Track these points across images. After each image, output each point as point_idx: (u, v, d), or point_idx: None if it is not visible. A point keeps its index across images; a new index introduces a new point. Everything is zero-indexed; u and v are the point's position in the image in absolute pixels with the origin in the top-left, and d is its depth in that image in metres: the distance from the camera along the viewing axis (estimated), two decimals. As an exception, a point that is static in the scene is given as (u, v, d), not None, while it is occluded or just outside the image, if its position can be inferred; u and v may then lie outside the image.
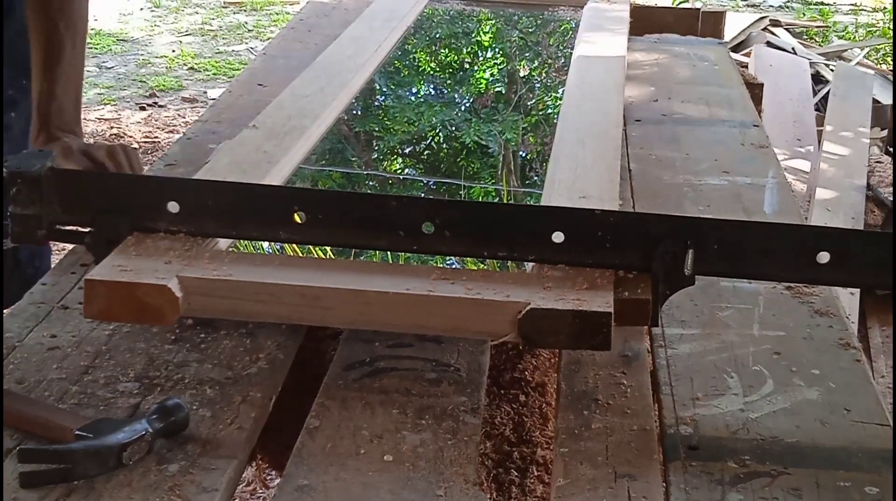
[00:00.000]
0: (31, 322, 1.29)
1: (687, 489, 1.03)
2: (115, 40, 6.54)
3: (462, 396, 1.16)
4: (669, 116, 2.16)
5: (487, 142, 2.13)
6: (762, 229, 1.24)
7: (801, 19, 7.22)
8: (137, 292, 1.14)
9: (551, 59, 2.69)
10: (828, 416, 1.16)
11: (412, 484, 1.02)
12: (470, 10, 2.99)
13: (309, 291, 1.17)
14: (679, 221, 1.23)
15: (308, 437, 1.08)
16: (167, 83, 5.67)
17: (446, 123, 2.23)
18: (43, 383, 1.15)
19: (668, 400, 1.18)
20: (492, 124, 2.19)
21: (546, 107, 2.33)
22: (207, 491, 0.98)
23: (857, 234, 1.28)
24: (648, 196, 1.74)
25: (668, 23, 3.00)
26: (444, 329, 1.18)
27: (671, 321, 1.34)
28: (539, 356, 1.35)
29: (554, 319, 1.13)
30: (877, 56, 6.16)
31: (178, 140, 2.05)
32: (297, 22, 2.89)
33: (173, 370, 1.18)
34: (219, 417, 1.10)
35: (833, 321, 1.36)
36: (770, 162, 1.92)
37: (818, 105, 4.88)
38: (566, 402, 1.18)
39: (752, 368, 1.24)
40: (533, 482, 1.20)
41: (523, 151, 2.16)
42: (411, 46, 2.63)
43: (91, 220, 1.27)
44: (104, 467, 1.00)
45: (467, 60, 2.70)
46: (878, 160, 4.22)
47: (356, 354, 1.24)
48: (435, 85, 2.54)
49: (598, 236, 1.21)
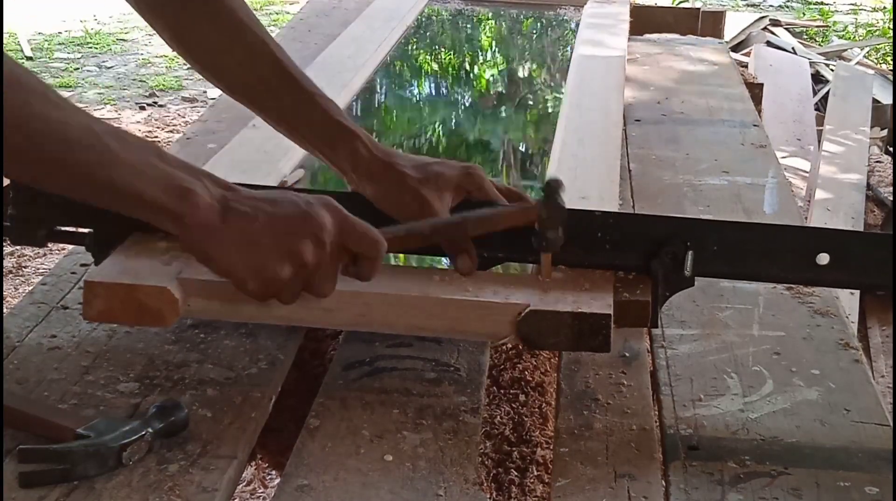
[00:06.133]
0: (31, 322, 1.29)
1: (687, 489, 1.03)
2: (115, 40, 6.54)
3: (462, 396, 1.16)
4: (669, 116, 2.16)
5: (489, 140, 2.13)
6: (762, 230, 1.24)
7: (801, 19, 7.22)
8: (137, 294, 1.14)
9: (551, 59, 2.69)
10: (828, 416, 1.16)
11: (412, 484, 1.02)
12: (470, 9, 3.00)
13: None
14: (679, 222, 1.23)
15: (308, 437, 1.08)
16: (167, 83, 5.67)
17: (446, 121, 2.24)
18: (43, 383, 1.15)
19: (668, 400, 1.18)
20: (492, 123, 2.20)
21: (546, 107, 2.33)
22: (207, 491, 0.98)
23: (857, 235, 1.29)
24: (648, 196, 1.74)
25: (668, 23, 3.01)
26: (443, 331, 1.18)
27: (671, 321, 1.34)
28: (539, 355, 1.35)
29: (553, 320, 1.13)
30: (877, 56, 6.16)
31: (178, 140, 2.05)
32: (297, 22, 2.89)
33: (173, 370, 1.18)
34: (219, 417, 1.10)
35: (833, 321, 1.36)
36: (770, 162, 1.92)
37: (818, 105, 4.88)
38: (566, 402, 1.18)
39: (751, 368, 1.24)
40: (533, 482, 1.20)
41: (523, 151, 2.16)
42: (411, 46, 2.63)
43: (91, 221, 1.27)
44: (104, 467, 1.00)
45: (467, 60, 2.70)
46: (878, 160, 4.22)
47: (356, 354, 1.24)
48: (435, 84, 2.54)
49: (598, 237, 1.21)
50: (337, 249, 1.06)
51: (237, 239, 1.03)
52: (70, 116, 0.97)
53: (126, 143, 1.00)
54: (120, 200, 1.01)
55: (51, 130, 0.95)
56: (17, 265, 3.64)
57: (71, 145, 0.96)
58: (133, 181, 0.99)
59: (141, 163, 0.99)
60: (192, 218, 1.01)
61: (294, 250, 1.03)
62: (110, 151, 0.97)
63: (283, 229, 1.04)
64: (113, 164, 0.98)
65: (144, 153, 1.01)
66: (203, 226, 1.02)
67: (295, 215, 1.05)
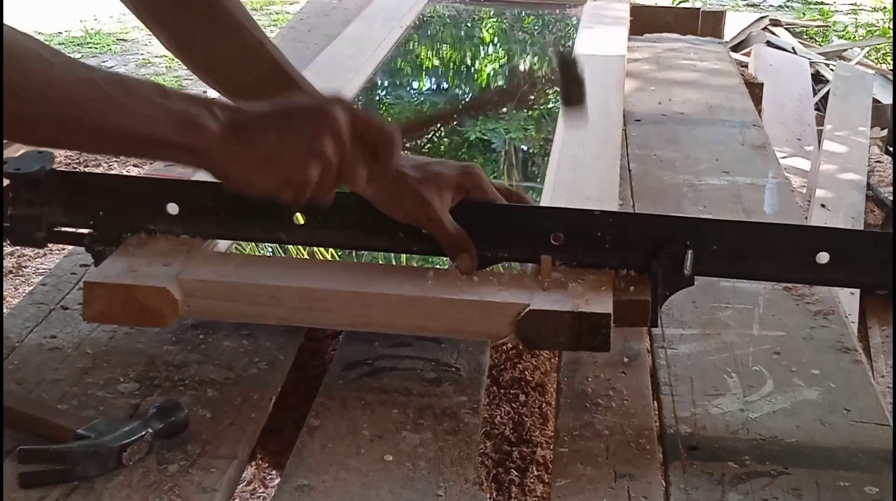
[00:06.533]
0: (31, 323, 1.29)
1: (687, 489, 1.03)
2: (115, 40, 6.54)
3: (462, 396, 1.16)
4: (669, 116, 2.16)
5: (491, 139, 2.13)
6: (762, 230, 1.24)
7: (801, 19, 7.22)
8: (137, 295, 1.14)
9: (551, 59, 2.69)
10: (828, 416, 1.16)
11: (412, 484, 1.02)
12: (470, 9, 3.00)
13: (308, 293, 1.17)
14: (679, 221, 1.23)
15: (308, 437, 1.08)
16: (167, 83, 5.66)
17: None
18: (43, 383, 1.15)
19: (668, 400, 1.18)
20: (494, 122, 2.20)
21: (546, 106, 2.33)
22: (207, 491, 0.99)
23: (857, 234, 1.28)
24: (648, 196, 1.74)
25: (668, 22, 3.01)
26: (443, 331, 1.18)
27: (671, 321, 1.34)
28: (539, 355, 1.35)
29: (553, 320, 1.13)
30: (877, 56, 6.16)
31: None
32: (297, 22, 2.89)
33: (173, 371, 1.18)
34: (219, 417, 1.10)
35: (833, 321, 1.36)
36: (770, 162, 1.92)
37: (818, 105, 4.88)
38: (566, 402, 1.18)
39: (752, 368, 1.24)
40: (533, 482, 1.20)
41: (524, 150, 2.17)
42: (411, 45, 2.63)
43: (90, 221, 1.27)
44: (104, 467, 1.00)
45: (467, 60, 2.70)
46: (878, 160, 4.23)
47: (356, 353, 1.24)
48: (435, 84, 2.54)
49: (598, 237, 1.21)
50: (354, 141, 1.07)
51: (259, 155, 1.04)
52: (69, 71, 0.98)
53: (129, 88, 1.00)
54: (134, 145, 1.02)
55: (54, 90, 0.96)
56: (17, 265, 3.64)
57: (75, 101, 0.96)
58: (144, 125, 0.99)
59: (148, 105, 1.00)
60: (209, 148, 1.02)
61: (316, 151, 1.04)
62: (115, 100, 0.98)
63: (300, 133, 1.05)
64: (120, 111, 0.98)
65: (150, 94, 1.01)
66: (222, 153, 1.02)
67: (308, 116, 1.06)
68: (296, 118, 1.06)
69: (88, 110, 0.98)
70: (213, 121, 1.02)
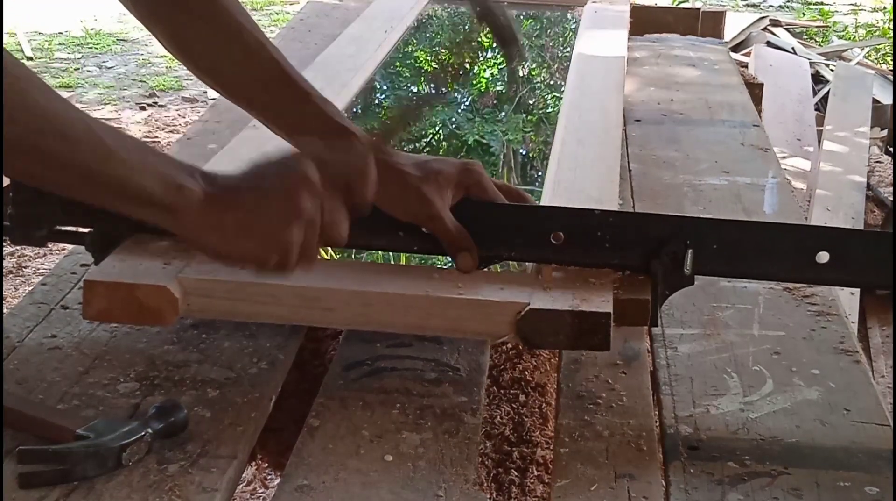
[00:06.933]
0: (31, 322, 1.29)
1: (687, 489, 1.03)
2: (115, 40, 6.54)
3: (462, 396, 1.16)
4: (669, 116, 2.16)
5: (489, 141, 2.13)
6: (762, 229, 1.24)
7: (801, 19, 7.22)
8: (137, 294, 1.15)
9: (551, 59, 2.69)
10: (828, 416, 1.16)
11: (412, 484, 1.02)
12: (470, 9, 2.99)
13: (308, 292, 1.17)
14: (678, 220, 1.23)
15: (308, 437, 1.08)
16: (167, 83, 5.67)
17: (447, 122, 2.24)
18: (43, 383, 1.15)
19: (668, 400, 1.18)
20: (493, 124, 2.20)
21: (546, 107, 2.33)
22: (207, 491, 0.98)
23: (857, 234, 1.28)
24: (648, 196, 1.74)
25: (668, 23, 3.01)
26: (443, 330, 1.18)
27: (671, 321, 1.34)
28: (539, 355, 1.35)
29: (553, 319, 1.13)
30: (877, 56, 6.16)
31: (178, 140, 2.05)
32: (297, 22, 2.89)
33: (173, 370, 1.18)
34: (219, 417, 1.10)
35: (833, 321, 1.36)
36: (770, 162, 1.92)
37: (818, 105, 4.88)
38: (566, 402, 1.18)
39: (752, 368, 1.24)
40: (533, 482, 1.20)
41: (524, 151, 2.16)
42: (411, 46, 2.63)
43: (91, 221, 1.27)
44: (104, 467, 1.00)
45: (467, 60, 2.70)
46: (878, 160, 4.23)
47: (356, 354, 1.24)
48: (435, 84, 2.54)
49: (598, 236, 1.21)
50: (330, 187, 1.07)
51: (238, 222, 1.03)
52: (68, 111, 0.97)
53: (121, 139, 1.00)
54: (115, 195, 1.01)
55: (50, 124, 0.95)
56: (17, 265, 3.64)
57: (69, 140, 0.96)
58: (129, 174, 0.98)
59: (136, 155, 1.00)
60: (188, 212, 1.01)
61: (293, 210, 1.04)
62: (105, 145, 0.97)
63: (275, 196, 1.04)
64: (109, 157, 0.98)
65: (138, 146, 1.01)
66: (200, 221, 1.02)
67: (279, 178, 1.05)
68: (267, 181, 1.05)
69: (79, 150, 0.96)
70: (194, 184, 1.02)
